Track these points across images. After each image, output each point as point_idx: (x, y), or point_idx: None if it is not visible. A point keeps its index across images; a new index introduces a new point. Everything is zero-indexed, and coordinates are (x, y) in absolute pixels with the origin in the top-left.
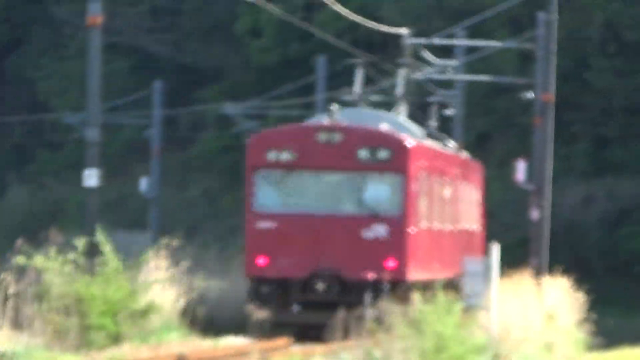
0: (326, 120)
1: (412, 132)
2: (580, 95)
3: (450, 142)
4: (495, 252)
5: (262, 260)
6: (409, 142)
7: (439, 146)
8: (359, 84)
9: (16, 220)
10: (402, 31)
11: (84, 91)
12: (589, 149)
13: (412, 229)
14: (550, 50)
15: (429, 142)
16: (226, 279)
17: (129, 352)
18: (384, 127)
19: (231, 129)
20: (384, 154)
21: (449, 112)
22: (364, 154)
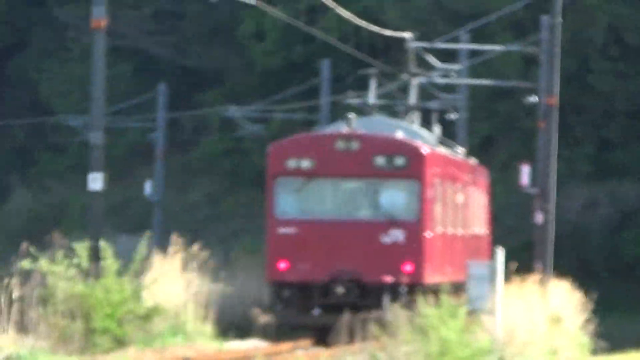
0: (344, 128)
1: (426, 139)
2: (582, 98)
3: (458, 148)
4: (500, 255)
5: (283, 264)
6: (424, 149)
7: (450, 153)
8: (372, 94)
9: (19, 222)
10: (406, 35)
11: (87, 94)
12: (591, 152)
13: (428, 234)
14: (554, 54)
15: (441, 149)
16: (231, 283)
17: (134, 355)
18: (400, 135)
19: (234, 132)
20: (400, 161)
21: (452, 116)
22: (381, 161)
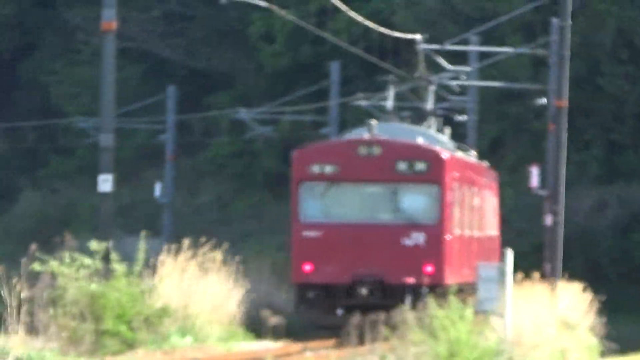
0: (365, 135)
1: (444, 144)
2: (592, 100)
3: (471, 152)
4: (509, 257)
5: (308, 267)
6: (444, 154)
7: (467, 157)
8: (391, 100)
9: (28, 224)
10: (415, 37)
11: (96, 96)
12: (600, 155)
13: (448, 236)
14: (563, 56)
15: (459, 154)
16: (241, 284)
17: (144, 357)
18: (420, 140)
19: (243, 134)
20: (421, 166)
21: (461, 118)
22: (402, 166)
